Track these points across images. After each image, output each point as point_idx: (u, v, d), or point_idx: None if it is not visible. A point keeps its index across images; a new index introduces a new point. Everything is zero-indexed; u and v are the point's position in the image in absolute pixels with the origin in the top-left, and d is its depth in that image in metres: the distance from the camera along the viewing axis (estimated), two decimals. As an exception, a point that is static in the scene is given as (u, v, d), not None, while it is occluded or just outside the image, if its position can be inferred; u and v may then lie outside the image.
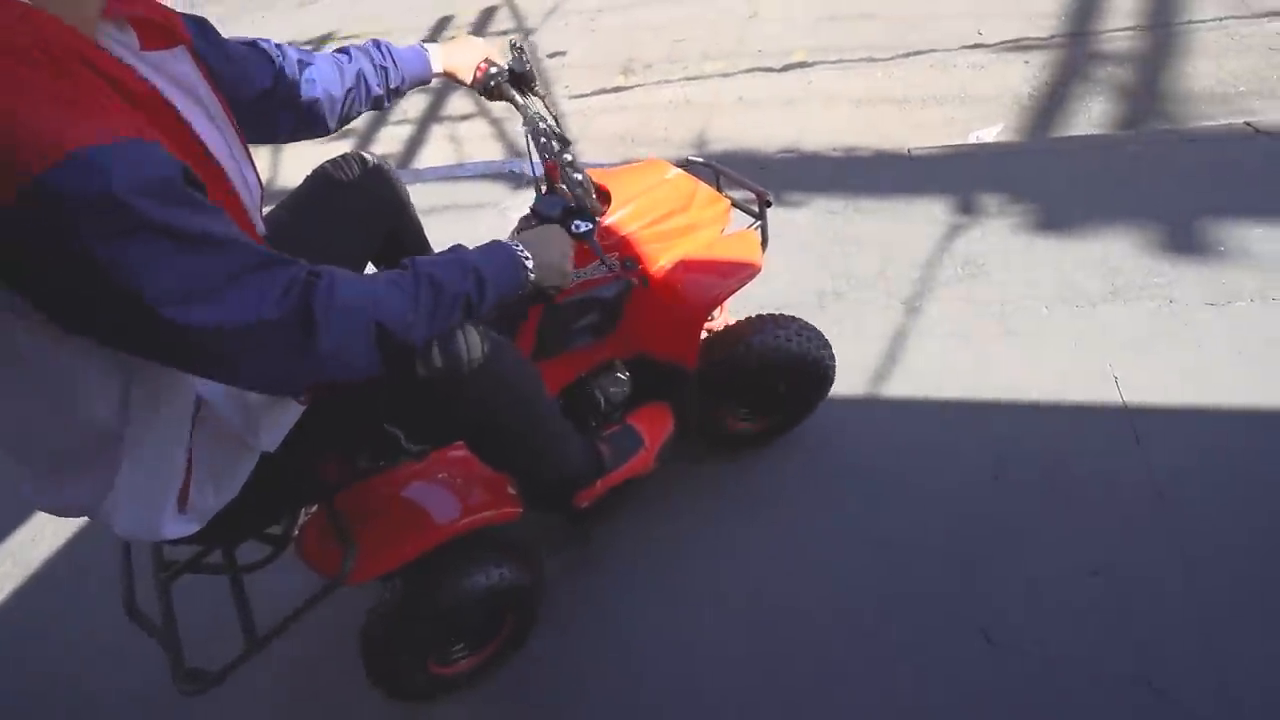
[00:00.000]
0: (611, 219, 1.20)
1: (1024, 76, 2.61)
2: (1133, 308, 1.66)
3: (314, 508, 1.15)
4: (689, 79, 3.20)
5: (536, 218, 1.08)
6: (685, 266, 1.26)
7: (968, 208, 2.08)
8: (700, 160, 1.44)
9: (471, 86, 1.23)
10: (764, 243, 1.36)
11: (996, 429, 1.51)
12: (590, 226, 1.04)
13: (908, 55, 2.87)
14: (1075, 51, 2.65)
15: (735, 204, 1.40)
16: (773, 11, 3.43)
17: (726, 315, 1.51)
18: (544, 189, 1.20)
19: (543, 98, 1.26)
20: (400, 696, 1.26)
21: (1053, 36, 2.73)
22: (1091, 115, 2.39)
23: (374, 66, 1.13)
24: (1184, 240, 1.80)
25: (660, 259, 1.25)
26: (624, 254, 1.21)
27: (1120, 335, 1.61)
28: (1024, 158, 2.25)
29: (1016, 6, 2.93)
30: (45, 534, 1.83)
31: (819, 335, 1.40)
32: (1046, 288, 1.76)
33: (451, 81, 1.23)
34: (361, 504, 1.10)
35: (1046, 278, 1.79)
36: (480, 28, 4.33)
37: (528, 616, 1.34)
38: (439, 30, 4.46)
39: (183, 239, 0.55)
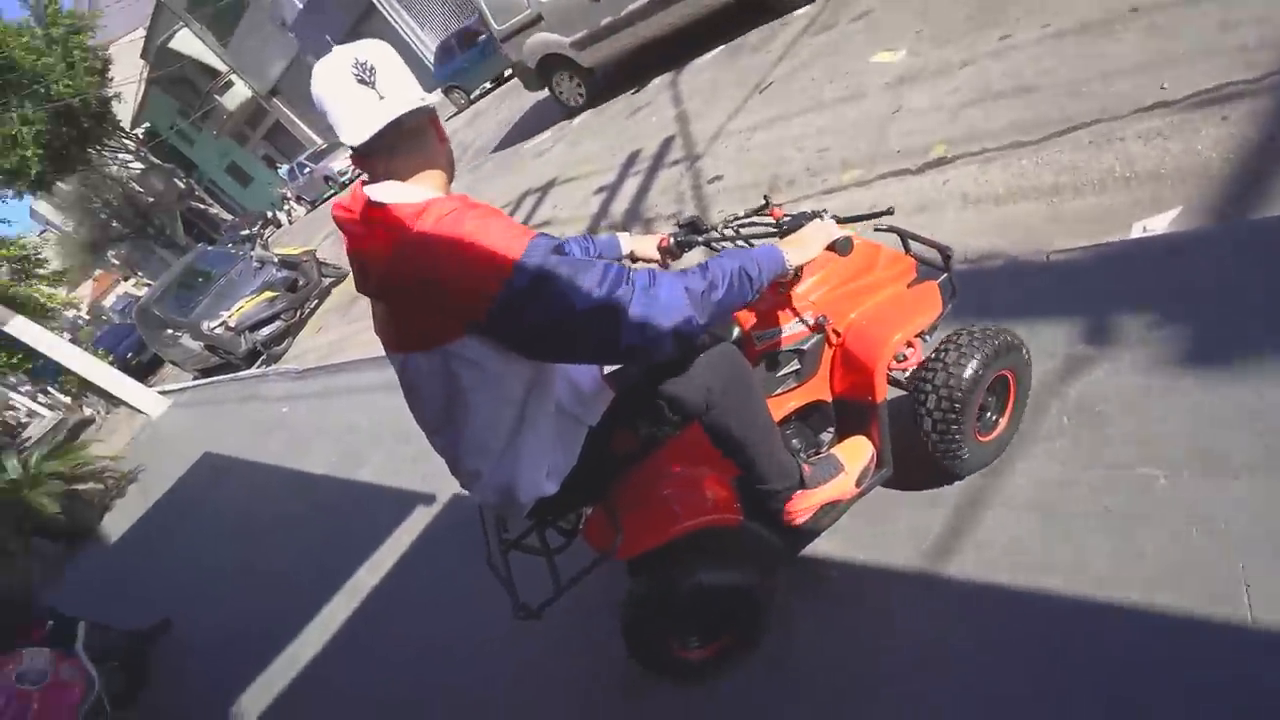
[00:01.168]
0: (805, 285, 1.56)
1: (1217, 138, 2.12)
2: (1293, 484, 1.30)
3: (590, 511, 1.59)
4: (826, 192, 3.25)
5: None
6: (868, 318, 1.56)
7: (1100, 332, 1.81)
8: (885, 228, 1.67)
9: (661, 259, 1.71)
10: (954, 291, 1.63)
11: (1074, 635, 1.32)
12: (833, 215, 1.46)
13: (1064, 132, 2.54)
14: (1304, 91, 2.07)
15: (921, 260, 1.65)
16: (917, 102, 3.31)
17: (919, 355, 1.67)
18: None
19: (714, 227, 1.71)
20: (650, 670, 1.59)
21: (1267, 75, 2.17)
22: (1321, 181, 1.85)
23: (580, 248, 1.64)
24: None
25: (849, 315, 1.56)
26: (818, 313, 1.54)
27: (1262, 524, 1.28)
28: (1197, 255, 1.85)
29: (1216, 42, 2.39)
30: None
31: (994, 330, 1.56)
32: (1173, 448, 1.46)
33: (637, 259, 1.71)
34: (628, 501, 1.47)
35: (1177, 433, 1.48)
36: (660, 156, 4.93)
37: (752, 620, 1.59)
38: (631, 163, 5.18)
39: (572, 265, 1.06)
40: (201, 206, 27.16)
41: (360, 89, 1.04)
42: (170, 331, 8.93)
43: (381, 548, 3.20)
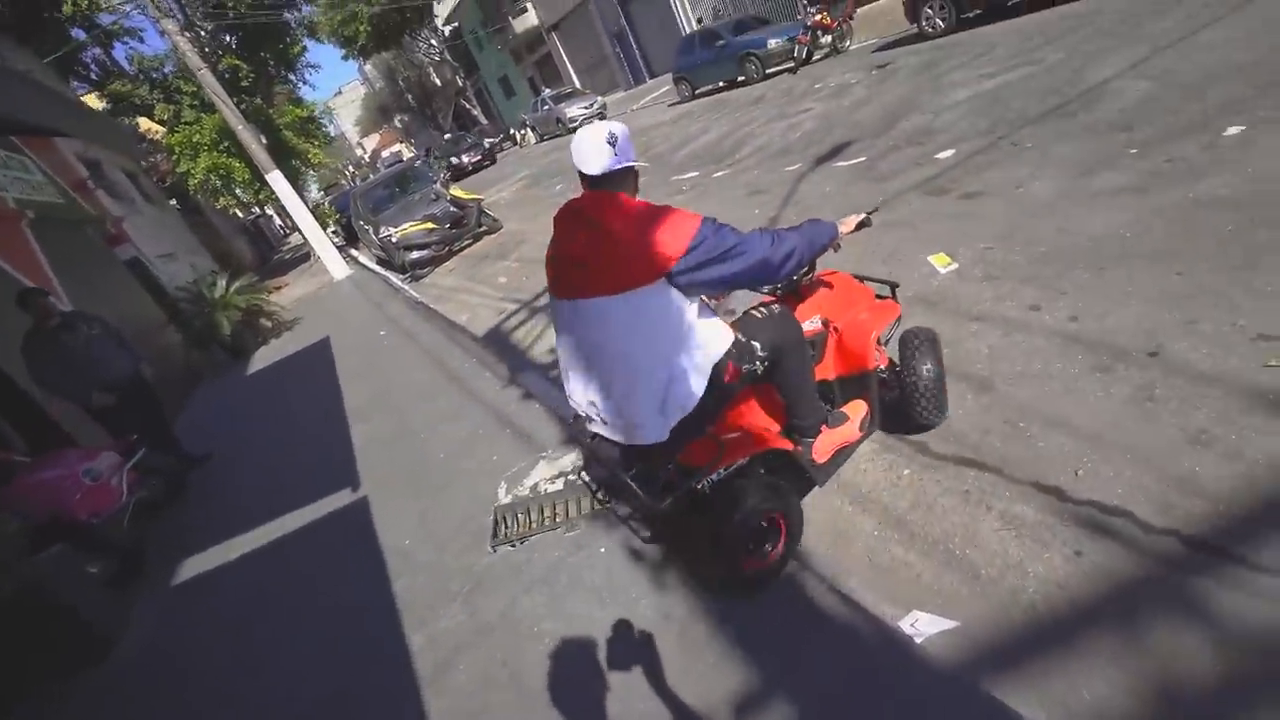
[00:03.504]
0: (812, 298, 2.29)
1: (1053, 573, 1.78)
2: None
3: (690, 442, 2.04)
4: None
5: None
6: (855, 319, 2.28)
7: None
8: (868, 277, 2.49)
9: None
10: (899, 315, 2.35)
11: None
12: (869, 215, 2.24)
13: (960, 462, 2.23)
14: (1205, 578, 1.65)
15: (878, 295, 2.43)
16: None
17: (885, 355, 2.37)
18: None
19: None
20: (731, 580, 2.04)
21: (1173, 536, 1.74)
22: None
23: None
24: None
25: (842, 317, 2.27)
26: (823, 315, 2.26)
27: None
28: (907, 691, 1.65)
29: (1176, 456, 1.92)
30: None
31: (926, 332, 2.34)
32: None
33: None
34: (722, 431, 2.08)
35: None
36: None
37: (794, 531, 2.10)
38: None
39: (725, 232, 1.71)
40: (467, 106, 31.04)
41: (607, 146, 1.72)
42: (362, 222, 10.73)
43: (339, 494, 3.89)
